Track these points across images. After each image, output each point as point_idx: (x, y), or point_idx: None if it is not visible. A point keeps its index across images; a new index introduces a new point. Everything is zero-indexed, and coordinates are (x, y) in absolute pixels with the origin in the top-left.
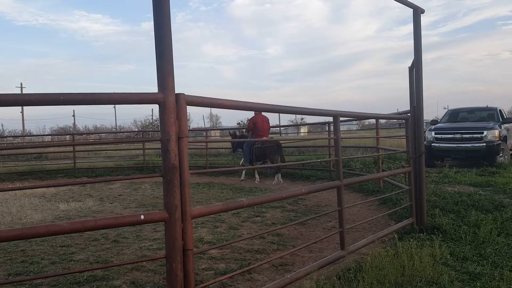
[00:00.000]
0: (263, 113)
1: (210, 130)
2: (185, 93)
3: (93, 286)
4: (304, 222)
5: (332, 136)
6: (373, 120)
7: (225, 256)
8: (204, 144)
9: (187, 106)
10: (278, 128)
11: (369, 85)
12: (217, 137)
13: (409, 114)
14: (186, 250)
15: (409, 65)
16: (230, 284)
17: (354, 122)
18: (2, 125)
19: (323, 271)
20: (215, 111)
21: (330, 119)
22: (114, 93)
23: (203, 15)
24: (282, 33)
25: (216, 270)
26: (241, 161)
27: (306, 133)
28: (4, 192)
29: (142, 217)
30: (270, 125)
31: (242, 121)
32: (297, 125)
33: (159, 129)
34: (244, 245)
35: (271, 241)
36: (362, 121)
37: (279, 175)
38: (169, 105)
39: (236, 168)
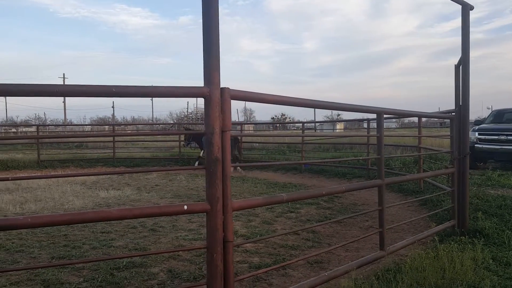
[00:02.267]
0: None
1: (244, 124)
2: (230, 88)
3: (132, 272)
4: (340, 220)
5: (372, 133)
6: (413, 119)
7: (259, 250)
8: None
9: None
10: (313, 124)
11: (406, 83)
12: (250, 131)
13: (454, 114)
14: (226, 242)
15: (455, 63)
16: (265, 278)
17: (393, 120)
18: (44, 113)
19: (361, 271)
20: (249, 105)
21: (369, 115)
22: (162, 86)
23: (240, 9)
24: (319, 28)
25: (250, 264)
26: (201, 153)
27: (342, 130)
28: (47, 179)
29: (185, 207)
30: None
31: (276, 116)
32: (333, 121)
33: (203, 122)
34: (279, 240)
35: (306, 237)
36: (402, 119)
37: (239, 168)
38: (214, 99)
39: (276, 163)
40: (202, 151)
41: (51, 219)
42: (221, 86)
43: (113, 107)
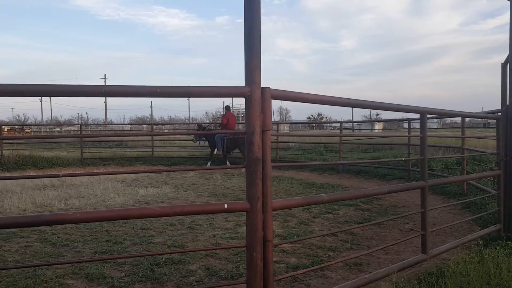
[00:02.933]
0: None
1: (280, 124)
2: (270, 87)
3: (171, 268)
4: (380, 222)
5: (414, 134)
6: (455, 118)
7: (296, 251)
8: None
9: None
10: (351, 124)
11: (448, 81)
12: (286, 131)
13: (500, 113)
14: (266, 241)
15: (500, 61)
16: (303, 279)
17: (435, 120)
18: (87, 113)
19: (402, 274)
20: (285, 104)
21: (409, 115)
22: (204, 86)
23: (276, 9)
24: (357, 26)
25: (287, 264)
26: (215, 151)
27: (381, 130)
28: (89, 176)
29: (225, 206)
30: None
31: (312, 115)
32: (371, 121)
33: (244, 121)
34: (316, 241)
35: (344, 239)
36: (443, 119)
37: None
38: (255, 99)
39: (313, 163)
40: (216, 149)
41: (99, 214)
42: (262, 85)
43: (151, 107)
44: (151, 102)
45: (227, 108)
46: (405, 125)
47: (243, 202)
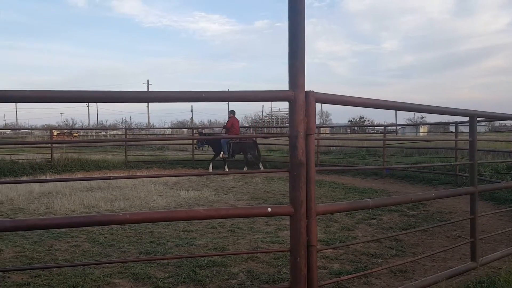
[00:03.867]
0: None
1: (320, 127)
2: (315, 91)
3: (213, 270)
4: (426, 229)
5: (461, 137)
6: (505, 122)
7: (339, 257)
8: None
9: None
10: (395, 127)
11: (496, 83)
12: (326, 134)
13: None
14: (310, 246)
15: None
16: (346, 286)
17: (483, 123)
18: (130, 118)
19: (450, 282)
20: (325, 107)
21: (456, 118)
22: (247, 91)
23: (316, 11)
24: (399, 27)
25: (330, 269)
26: (221, 154)
27: (426, 133)
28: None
29: (269, 209)
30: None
31: (353, 118)
32: (416, 124)
33: (288, 125)
34: (359, 247)
35: (389, 245)
36: (492, 122)
37: (261, 165)
38: (299, 103)
39: (356, 167)
40: (222, 152)
41: (148, 215)
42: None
43: (191, 111)
44: (192, 106)
45: (232, 112)
46: (451, 128)
47: (287, 206)
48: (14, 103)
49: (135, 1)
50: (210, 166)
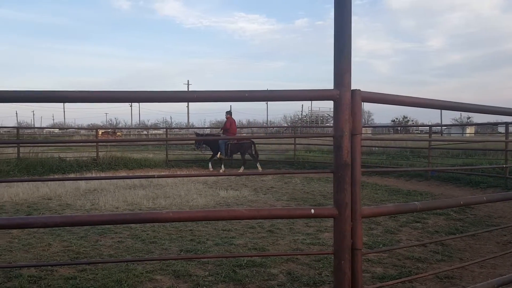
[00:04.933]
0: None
1: (362, 128)
2: (361, 90)
3: (253, 271)
4: (475, 233)
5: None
6: None
7: (382, 260)
8: None
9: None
10: (440, 127)
11: None
12: (368, 135)
13: None
14: (355, 249)
15: None
16: None
17: None
18: (171, 117)
19: None
20: (367, 107)
21: (504, 118)
22: (291, 90)
23: (357, 9)
24: (445, 24)
25: (373, 273)
26: (218, 154)
27: (473, 134)
28: (174, 177)
29: (312, 211)
30: None
31: (397, 118)
32: (462, 125)
33: (330, 124)
34: (403, 251)
35: (435, 250)
36: None
37: (258, 165)
38: (344, 102)
39: (399, 169)
40: (219, 152)
41: (190, 214)
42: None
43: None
44: (230, 106)
45: (228, 112)
46: (500, 129)
47: (331, 208)
48: (62, 103)
49: (176, 3)
50: (210, 165)
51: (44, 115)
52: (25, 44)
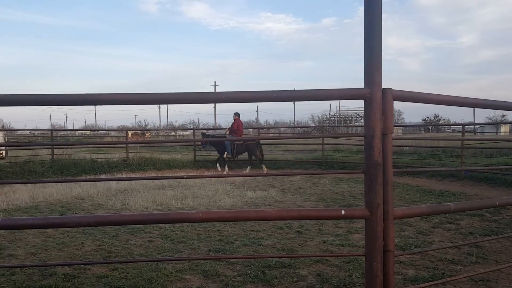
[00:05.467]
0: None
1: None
2: (392, 88)
3: (282, 272)
4: (511, 235)
5: None
6: None
7: (414, 262)
8: None
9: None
10: (473, 126)
11: None
12: (399, 134)
13: None
14: (387, 251)
15: None
16: None
17: None
18: (198, 118)
19: None
20: (397, 106)
21: None
22: (320, 89)
23: (386, 6)
24: (477, 20)
25: (405, 275)
26: (224, 154)
27: (508, 132)
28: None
29: (342, 212)
30: None
31: (428, 117)
32: (496, 123)
33: (359, 123)
34: (436, 253)
35: (469, 252)
36: None
37: (263, 166)
38: (375, 101)
39: (431, 169)
40: (225, 152)
41: (219, 215)
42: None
43: (257, 111)
44: (257, 106)
45: (236, 114)
46: None
47: (362, 209)
48: (93, 106)
49: (203, 5)
50: (218, 166)
51: (76, 117)
52: (57, 48)
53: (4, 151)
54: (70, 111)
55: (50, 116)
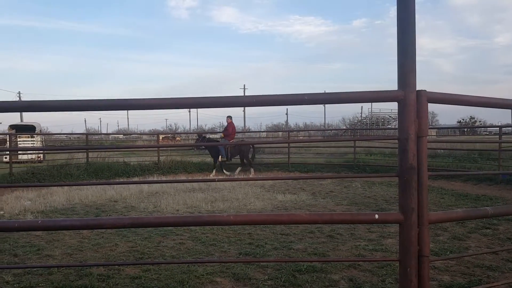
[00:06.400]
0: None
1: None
2: (427, 90)
3: (313, 276)
4: None
5: None
6: None
7: (449, 268)
8: None
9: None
10: (511, 128)
11: None
12: (433, 136)
13: None
14: (421, 256)
15: None
16: None
17: None
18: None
19: None
20: (431, 107)
21: None
22: (352, 92)
23: (418, 7)
24: None
25: (440, 282)
26: (219, 157)
27: None
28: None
29: (376, 216)
30: None
31: (463, 119)
32: None
33: (391, 126)
34: (472, 258)
35: (507, 258)
36: None
37: (252, 169)
38: (409, 103)
39: (467, 172)
40: (220, 156)
41: (250, 218)
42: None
43: (287, 114)
44: (287, 109)
45: (229, 117)
46: None
47: (396, 213)
48: (126, 111)
49: (232, 10)
50: (213, 171)
51: (110, 122)
52: (94, 55)
53: (42, 155)
54: (104, 116)
55: (85, 120)
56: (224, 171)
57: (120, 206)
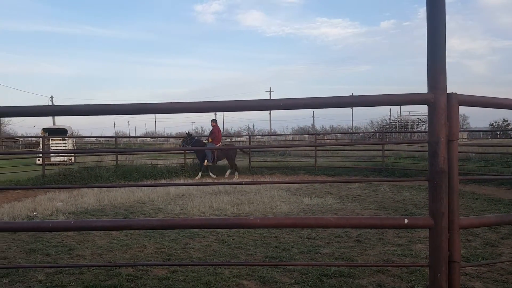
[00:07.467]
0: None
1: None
2: (458, 93)
3: (340, 281)
4: None
5: None
6: None
7: (481, 275)
8: None
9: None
10: None
11: None
12: (464, 140)
13: None
14: (452, 262)
15: None
16: None
17: None
18: (253, 125)
19: None
20: (462, 110)
21: None
22: (380, 95)
23: (449, 8)
24: None
25: None
26: (205, 162)
27: None
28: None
29: (405, 221)
30: None
31: (495, 122)
32: None
33: (421, 129)
34: (506, 265)
35: None
36: None
37: (237, 173)
38: (439, 106)
39: (499, 176)
40: (205, 160)
41: (277, 221)
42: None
43: (313, 116)
44: (313, 112)
45: (214, 121)
46: None
47: (426, 218)
48: (154, 114)
49: (258, 13)
50: (199, 175)
51: (138, 125)
52: (121, 59)
53: (73, 157)
54: (132, 119)
55: (114, 124)
56: (210, 173)
57: (148, 208)
